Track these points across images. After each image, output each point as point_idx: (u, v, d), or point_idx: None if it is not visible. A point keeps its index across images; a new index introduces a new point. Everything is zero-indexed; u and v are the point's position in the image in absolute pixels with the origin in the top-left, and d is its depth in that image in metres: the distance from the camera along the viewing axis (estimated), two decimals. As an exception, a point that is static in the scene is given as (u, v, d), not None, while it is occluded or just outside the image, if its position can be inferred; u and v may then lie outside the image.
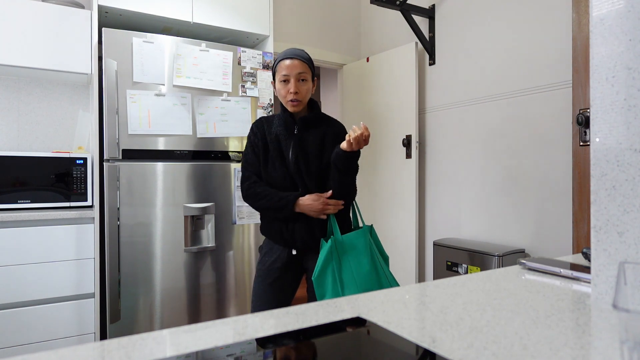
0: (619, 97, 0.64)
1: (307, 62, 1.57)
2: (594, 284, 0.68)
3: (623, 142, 0.64)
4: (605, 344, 0.51)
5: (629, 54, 0.63)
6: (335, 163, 1.51)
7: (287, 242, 1.58)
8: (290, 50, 1.57)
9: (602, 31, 0.67)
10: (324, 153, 1.58)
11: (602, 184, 0.67)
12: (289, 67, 1.53)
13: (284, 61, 1.54)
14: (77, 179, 2.25)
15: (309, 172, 1.56)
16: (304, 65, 1.55)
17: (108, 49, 2.12)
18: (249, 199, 1.59)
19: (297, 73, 1.53)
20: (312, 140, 1.58)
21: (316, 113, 1.62)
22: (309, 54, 1.64)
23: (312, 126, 1.60)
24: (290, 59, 1.53)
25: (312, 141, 1.58)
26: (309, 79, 1.57)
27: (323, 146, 1.58)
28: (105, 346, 0.51)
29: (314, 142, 1.58)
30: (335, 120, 1.67)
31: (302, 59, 1.55)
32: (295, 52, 1.56)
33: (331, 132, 1.61)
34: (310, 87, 1.58)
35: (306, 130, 1.59)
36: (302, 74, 1.54)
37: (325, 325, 0.58)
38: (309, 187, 1.56)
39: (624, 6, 0.64)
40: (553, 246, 2.28)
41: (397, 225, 3.14)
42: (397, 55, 3.13)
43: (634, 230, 0.62)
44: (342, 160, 1.49)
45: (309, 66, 1.57)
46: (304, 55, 1.57)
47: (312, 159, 1.57)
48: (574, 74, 1.99)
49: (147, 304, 2.19)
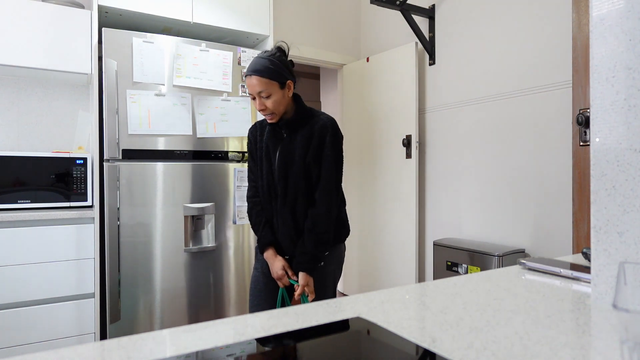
0: (619, 97, 0.64)
1: (268, 75, 1.45)
2: (594, 284, 0.68)
3: (623, 142, 0.64)
4: (605, 344, 0.51)
5: (629, 54, 0.63)
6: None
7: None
8: (252, 65, 1.48)
9: (602, 31, 0.67)
10: (308, 152, 1.53)
11: (602, 184, 0.67)
12: (250, 86, 1.47)
13: (247, 78, 1.48)
14: (77, 179, 2.25)
15: (292, 174, 1.54)
16: (262, 82, 1.45)
17: (108, 49, 2.12)
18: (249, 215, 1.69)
19: (257, 92, 1.47)
20: (300, 141, 1.54)
21: (300, 113, 1.56)
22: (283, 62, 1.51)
23: (299, 127, 1.55)
24: (249, 77, 1.46)
25: (299, 142, 1.54)
26: (274, 91, 1.48)
27: (308, 147, 1.54)
28: (105, 346, 0.51)
29: (301, 143, 1.53)
30: (321, 115, 1.59)
31: (261, 75, 1.45)
32: (255, 68, 1.46)
33: (317, 128, 1.54)
34: (278, 98, 1.49)
35: (294, 131, 1.55)
36: (262, 92, 1.46)
37: (325, 325, 0.58)
38: (290, 195, 1.54)
39: (624, 6, 0.64)
40: (553, 246, 2.28)
41: (397, 225, 3.13)
42: (397, 55, 3.13)
43: (634, 230, 0.62)
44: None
45: (271, 78, 1.46)
46: (263, 70, 1.45)
47: (298, 160, 1.53)
48: (574, 74, 1.99)
49: (147, 304, 2.19)
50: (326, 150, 1.52)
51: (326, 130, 1.53)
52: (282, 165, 1.54)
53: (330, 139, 1.53)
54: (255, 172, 1.65)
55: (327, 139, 1.52)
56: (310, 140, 1.53)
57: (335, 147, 1.54)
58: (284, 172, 1.54)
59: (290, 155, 1.54)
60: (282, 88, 1.50)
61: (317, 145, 1.52)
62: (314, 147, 1.52)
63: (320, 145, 1.52)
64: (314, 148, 1.52)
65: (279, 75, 1.48)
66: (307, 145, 1.53)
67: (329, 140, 1.52)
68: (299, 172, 1.53)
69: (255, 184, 1.66)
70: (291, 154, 1.54)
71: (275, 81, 1.47)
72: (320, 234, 1.50)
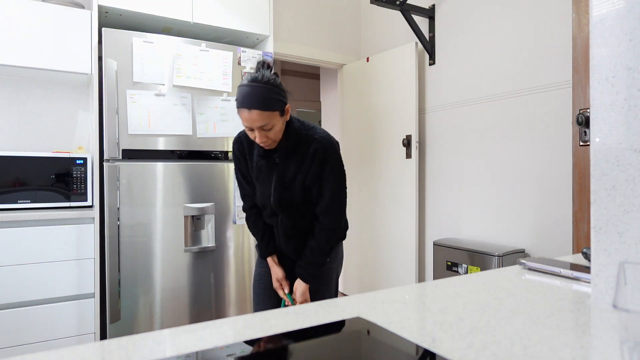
0: (619, 97, 0.64)
1: (270, 107, 1.32)
2: (594, 284, 0.68)
3: (623, 142, 0.64)
4: (605, 344, 0.51)
5: (629, 54, 0.63)
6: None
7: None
8: (247, 95, 1.31)
9: (602, 31, 0.67)
10: (306, 176, 1.46)
11: (602, 184, 0.67)
12: (248, 120, 1.32)
13: (243, 111, 1.32)
14: (77, 179, 2.25)
15: (291, 199, 1.48)
16: (264, 115, 1.32)
17: (108, 49, 2.12)
18: (247, 224, 1.67)
19: (259, 126, 1.33)
20: (295, 166, 1.45)
21: (294, 138, 1.44)
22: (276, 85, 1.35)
23: (293, 152, 1.46)
24: (248, 110, 1.31)
25: (295, 167, 1.45)
26: (277, 121, 1.36)
27: (306, 172, 1.45)
28: (105, 346, 0.51)
29: (297, 168, 1.45)
30: (315, 135, 1.46)
31: (262, 108, 1.31)
32: (253, 100, 1.30)
33: (312, 152, 1.44)
34: (280, 127, 1.38)
35: (288, 157, 1.46)
36: (265, 125, 1.34)
37: (325, 325, 0.58)
38: (291, 214, 1.52)
39: (624, 6, 0.64)
40: (553, 246, 2.28)
41: (397, 225, 3.13)
42: (397, 55, 3.13)
43: (634, 230, 0.62)
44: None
45: (274, 109, 1.33)
46: (263, 102, 1.31)
47: (297, 185, 1.46)
48: (574, 74, 1.99)
49: (147, 304, 2.19)
50: (326, 174, 1.45)
51: (324, 153, 1.44)
52: (279, 191, 1.47)
53: (330, 162, 1.45)
54: (247, 188, 1.60)
55: (327, 162, 1.45)
56: (308, 164, 1.44)
57: (337, 168, 1.47)
58: (282, 197, 1.48)
59: (287, 181, 1.46)
60: (282, 115, 1.39)
61: (316, 170, 1.44)
62: (313, 172, 1.45)
63: (320, 170, 1.45)
64: (314, 173, 1.45)
65: (280, 102, 1.36)
66: (304, 170, 1.45)
67: (330, 163, 1.45)
68: (299, 195, 1.47)
69: (250, 198, 1.62)
70: (289, 180, 1.46)
71: (277, 110, 1.35)
72: (324, 250, 1.50)
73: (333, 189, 1.47)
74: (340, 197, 1.49)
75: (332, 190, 1.47)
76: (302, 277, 1.52)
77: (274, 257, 1.61)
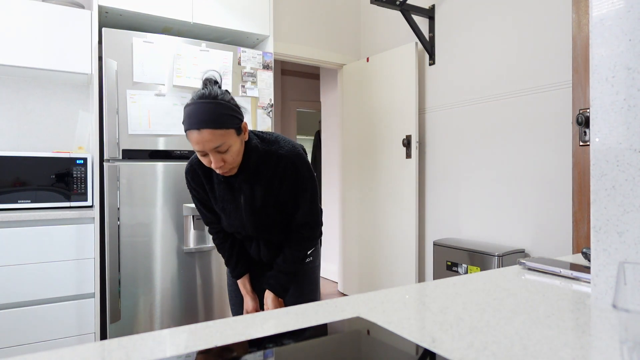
0: (619, 97, 0.64)
1: (223, 124, 1.15)
2: (594, 284, 0.68)
3: (623, 142, 0.64)
4: (605, 344, 0.51)
5: (628, 54, 0.63)
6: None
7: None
8: (195, 113, 1.14)
9: (602, 31, 0.67)
10: (278, 196, 1.35)
11: (602, 184, 0.67)
12: (199, 142, 1.15)
13: (192, 133, 1.15)
14: (77, 179, 2.25)
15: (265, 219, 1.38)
16: (217, 135, 1.15)
17: (108, 49, 2.12)
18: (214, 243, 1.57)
19: (213, 148, 1.17)
20: (263, 188, 1.33)
21: (255, 158, 1.30)
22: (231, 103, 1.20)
23: (257, 174, 1.33)
24: (198, 131, 1.14)
25: (264, 189, 1.33)
26: (233, 141, 1.19)
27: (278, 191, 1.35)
28: (105, 346, 0.51)
29: (266, 190, 1.33)
30: (278, 150, 1.33)
31: (213, 127, 1.14)
32: (203, 118, 1.14)
33: (281, 170, 1.32)
34: (237, 147, 1.22)
35: (252, 181, 1.33)
36: (220, 147, 1.17)
37: (325, 325, 0.58)
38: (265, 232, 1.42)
39: (624, 6, 0.64)
40: (553, 246, 2.28)
41: (397, 225, 3.14)
42: (397, 55, 3.13)
43: (633, 230, 0.62)
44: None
45: (228, 127, 1.17)
46: (215, 120, 1.14)
47: (269, 206, 1.36)
48: (574, 74, 1.99)
49: (147, 304, 2.19)
50: (301, 189, 1.35)
51: (294, 168, 1.32)
52: (253, 219, 1.37)
53: (302, 174, 1.34)
54: (210, 216, 1.48)
55: (299, 176, 1.34)
56: (278, 185, 1.33)
57: (309, 179, 1.37)
58: (257, 224, 1.38)
59: (259, 207, 1.35)
60: (239, 134, 1.22)
61: (289, 187, 1.34)
62: (287, 190, 1.35)
63: (294, 185, 1.34)
64: (287, 190, 1.35)
65: (235, 119, 1.19)
66: (275, 191, 1.34)
67: (302, 176, 1.34)
68: (275, 216, 1.38)
69: (215, 225, 1.50)
70: (260, 205, 1.35)
71: (232, 128, 1.19)
72: (299, 258, 1.42)
73: (309, 199, 1.38)
74: (316, 205, 1.41)
75: (309, 200, 1.38)
76: (273, 288, 1.40)
77: (247, 282, 1.50)
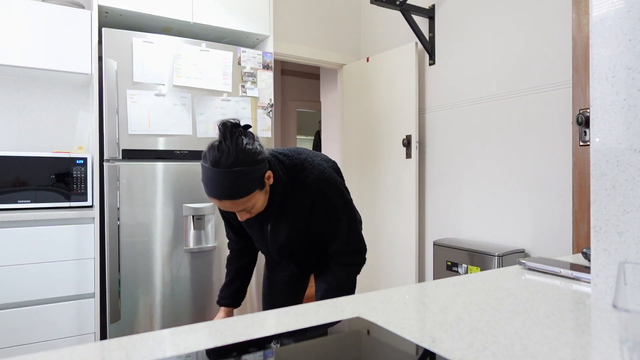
0: (619, 97, 0.64)
1: (244, 193, 1.12)
2: (594, 284, 0.68)
3: (623, 142, 0.64)
4: (605, 344, 0.51)
5: (628, 54, 0.63)
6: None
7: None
8: (213, 182, 1.10)
9: (602, 31, 0.67)
10: (309, 224, 1.31)
11: (602, 184, 0.67)
12: (222, 206, 1.15)
13: (212, 199, 1.14)
14: (77, 179, 2.25)
15: (295, 247, 1.37)
16: (237, 203, 1.13)
17: (108, 49, 2.12)
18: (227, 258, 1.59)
19: (238, 210, 1.17)
20: (289, 222, 1.29)
21: (285, 192, 1.26)
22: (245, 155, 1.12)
23: (284, 209, 1.29)
24: (219, 200, 1.12)
25: (292, 219, 1.29)
26: (257, 198, 1.17)
27: (308, 220, 1.30)
28: (105, 346, 0.51)
29: (296, 218, 1.29)
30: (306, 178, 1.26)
31: (234, 198, 1.11)
32: (220, 192, 1.10)
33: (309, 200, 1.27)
34: (263, 200, 1.20)
35: (279, 217, 1.30)
36: (244, 210, 1.17)
37: (325, 325, 0.58)
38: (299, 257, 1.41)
39: (624, 6, 0.64)
40: (553, 246, 2.28)
41: (397, 225, 3.13)
42: (397, 55, 3.13)
43: (633, 230, 0.62)
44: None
45: (249, 192, 1.13)
46: (234, 191, 1.10)
47: (299, 234, 1.32)
48: (574, 74, 1.99)
49: (147, 304, 2.19)
50: (333, 217, 1.29)
51: (323, 196, 1.26)
52: (275, 246, 1.35)
53: (334, 201, 1.28)
54: (232, 236, 1.50)
55: (331, 205, 1.27)
56: (307, 216, 1.28)
57: (343, 209, 1.30)
58: (283, 252, 1.36)
59: (284, 239, 1.33)
60: (262, 189, 1.18)
61: (321, 217, 1.29)
62: (318, 220, 1.29)
63: (326, 215, 1.28)
64: (319, 221, 1.29)
65: (257, 181, 1.14)
66: (304, 223, 1.30)
67: (334, 204, 1.28)
68: (305, 244, 1.35)
69: (236, 244, 1.51)
70: (286, 238, 1.32)
71: (256, 190, 1.14)
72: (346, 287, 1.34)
73: (346, 227, 1.30)
74: (355, 232, 1.32)
75: (346, 229, 1.30)
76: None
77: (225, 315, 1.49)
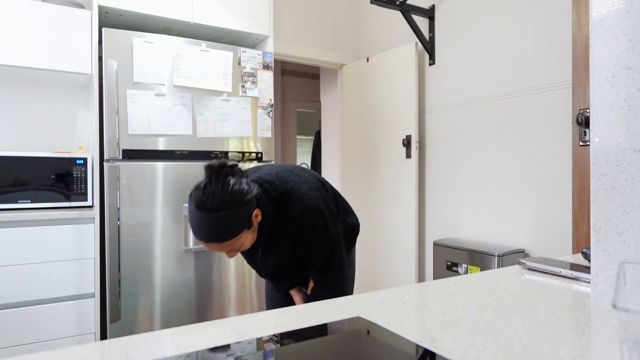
0: (619, 97, 0.64)
1: (230, 235, 1.12)
2: (594, 284, 0.68)
3: (623, 142, 0.64)
4: (605, 344, 0.51)
5: (628, 54, 0.63)
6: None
7: None
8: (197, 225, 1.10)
9: (602, 31, 0.67)
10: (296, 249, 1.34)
11: (602, 184, 0.67)
12: (209, 247, 1.16)
13: (200, 241, 1.15)
14: (77, 179, 2.25)
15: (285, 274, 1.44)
16: (224, 245, 1.14)
17: (108, 49, 2.12)
18: None
19: (226, 251, 1.19)
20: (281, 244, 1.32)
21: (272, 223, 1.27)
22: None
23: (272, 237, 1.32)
24: (205, 242, 1.13)
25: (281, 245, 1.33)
26: (243, 238, 1.17)
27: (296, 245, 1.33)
28: (105, 346, 0.51)
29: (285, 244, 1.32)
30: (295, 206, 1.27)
31: (220, 240, 1.11)
32: (206, 235, 1.10)
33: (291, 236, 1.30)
34: (251, 238, 1.20)
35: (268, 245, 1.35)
36: (231, 250, 1.18)
37: (325, 325, 0.58)
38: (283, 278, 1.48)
39: (624, 6, 0.64)
40: (553, 246, 2.28)
41: (397, 225, 3.13)
42: (397, 55, 3.13)
43: (633, 230, 0.62)
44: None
45: (235, 234, 1.13)
46: (220, 234, 1.10)
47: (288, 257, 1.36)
48: (574, 74, 1.99)
49: (147, 304, 2.19)
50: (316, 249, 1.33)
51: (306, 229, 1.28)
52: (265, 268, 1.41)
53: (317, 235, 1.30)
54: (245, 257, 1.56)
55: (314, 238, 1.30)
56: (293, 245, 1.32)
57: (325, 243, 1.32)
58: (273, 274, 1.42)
59: (273, 264, 1.38)
60: (250, 228, 1.17)
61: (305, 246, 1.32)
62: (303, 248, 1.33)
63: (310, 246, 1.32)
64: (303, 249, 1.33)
65: (243, 222, 1.13)
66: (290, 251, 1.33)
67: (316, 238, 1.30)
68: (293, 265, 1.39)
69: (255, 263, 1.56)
70: (274, 264, 1.37)
71: (242, 231, 1.14)
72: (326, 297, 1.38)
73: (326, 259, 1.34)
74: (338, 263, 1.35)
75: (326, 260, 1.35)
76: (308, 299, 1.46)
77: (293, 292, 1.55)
